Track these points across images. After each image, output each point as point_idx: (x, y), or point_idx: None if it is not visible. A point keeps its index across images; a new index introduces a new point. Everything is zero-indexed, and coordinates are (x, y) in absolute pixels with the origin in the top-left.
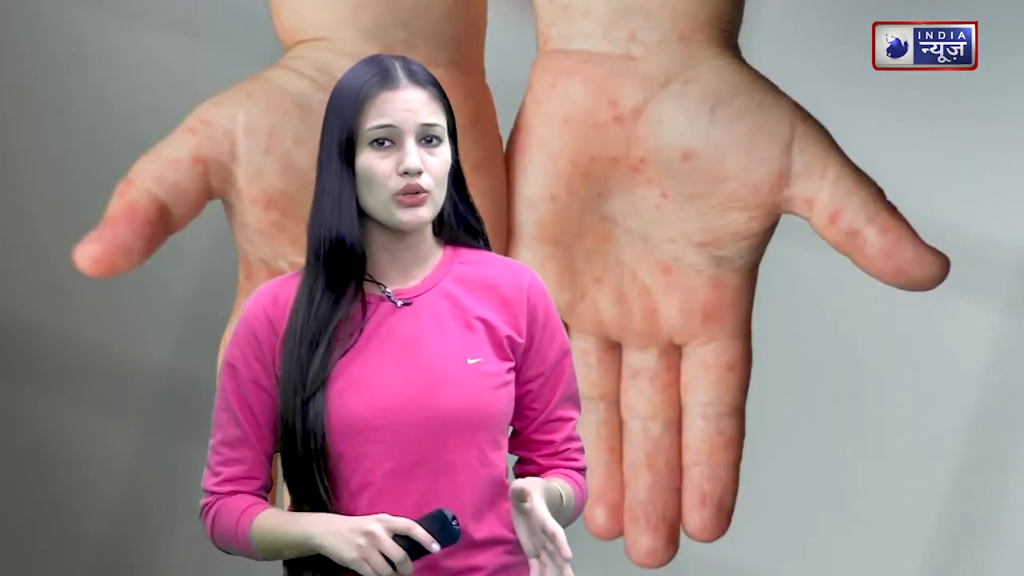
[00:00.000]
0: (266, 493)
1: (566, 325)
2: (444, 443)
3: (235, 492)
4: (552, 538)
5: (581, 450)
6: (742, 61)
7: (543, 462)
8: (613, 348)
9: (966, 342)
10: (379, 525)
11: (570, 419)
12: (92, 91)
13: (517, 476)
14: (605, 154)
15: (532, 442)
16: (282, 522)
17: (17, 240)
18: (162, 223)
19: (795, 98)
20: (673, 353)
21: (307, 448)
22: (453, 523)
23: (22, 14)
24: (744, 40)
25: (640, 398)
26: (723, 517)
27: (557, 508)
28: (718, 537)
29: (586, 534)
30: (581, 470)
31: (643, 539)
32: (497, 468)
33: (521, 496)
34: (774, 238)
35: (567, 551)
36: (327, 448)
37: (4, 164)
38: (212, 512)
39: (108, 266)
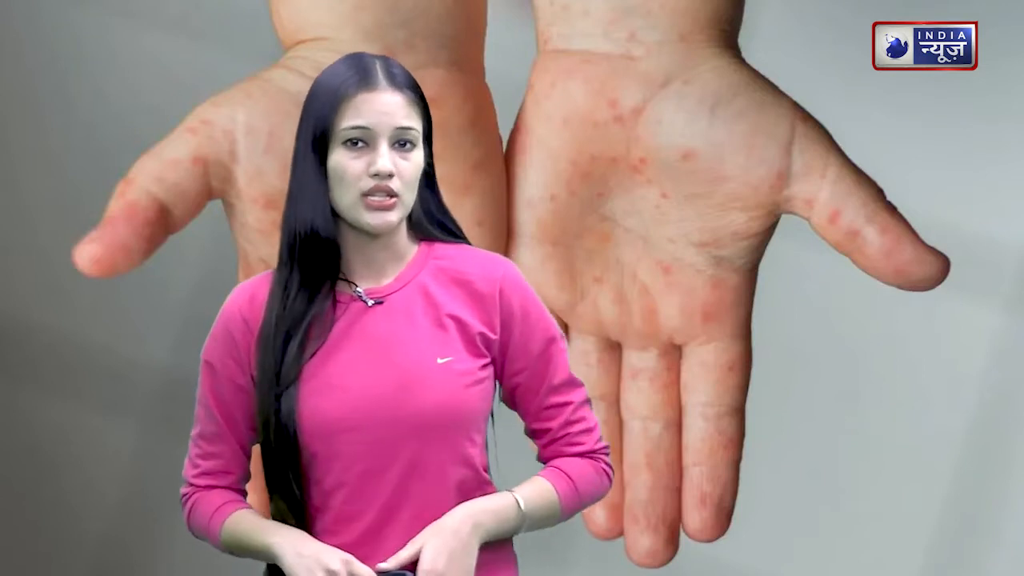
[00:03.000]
0: (244, 485)
1: (566, 325)
2: (416, 443)
3: (212, 486)
4: None
5: (587, 431)
6: (742, 61)
7: (546, 450)
8: (613, 348)
9: (965, 342)
10: (344, 566)
11: (567, 404)
12: (92, 91)
13: (539, 461)
14: (605, 154)
15: (534, 431)
16: (251, 527)
17: (17, 240)
18: (162, 223)
19: (795, 98)
20: (673, 353)
21: (280, 444)
22: None
23: (22, 14)
24: (744, 40)
25: (640, 398)
26: (723, 517)
27: (510, 522)
28: (718, 537)
29: (586, 534)
30: (587, 453)
31: (643, 539)
32: (471, 465)
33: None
34: (774, 238)
35: None
36: (300, 445)
37: (4, 164)
38: (190, 503)
39: (108, 266)
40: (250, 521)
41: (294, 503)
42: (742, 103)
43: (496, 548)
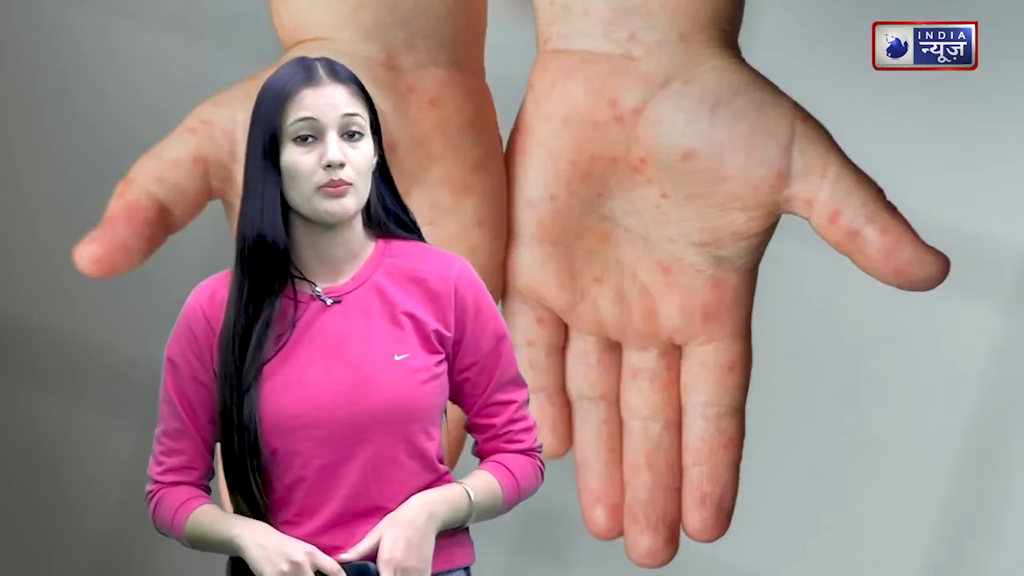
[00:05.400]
0: (207, 481)
1: (566, 325)
2: (374, 438)
3: (177, 483)
4: None
5: (528, 430)
6: (742, 61)
7: (486, 446)
8: (613, 348)
9: (966, 342)
10: (307, 558)
11: (511, 402)
12: (92, 91)
13: (475, 455)
14: (605, 154)
15: (476, 426)
16: (214, 520)
17: (17, 240)
18: (162, 223)
19: (795, 98)
20: (673, 353)
21: (242, 444)
22: None
23: (22, 14)
24: (744, 40)
25: (640, 398)
26: (723, 517)
27: (462, 512)
28: (718, 537)
29: (586, 534)
30: (525, 451)
31: (643, 539)
32: (427, 458)
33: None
34: (774, 238)
35: None
36: (260, 445)
37: (4, 164)
38: (155, 500)
39: (108, 266)
40: (213, 515)
41: (253, 499)
42: (742, 103)
43: (453, 533)
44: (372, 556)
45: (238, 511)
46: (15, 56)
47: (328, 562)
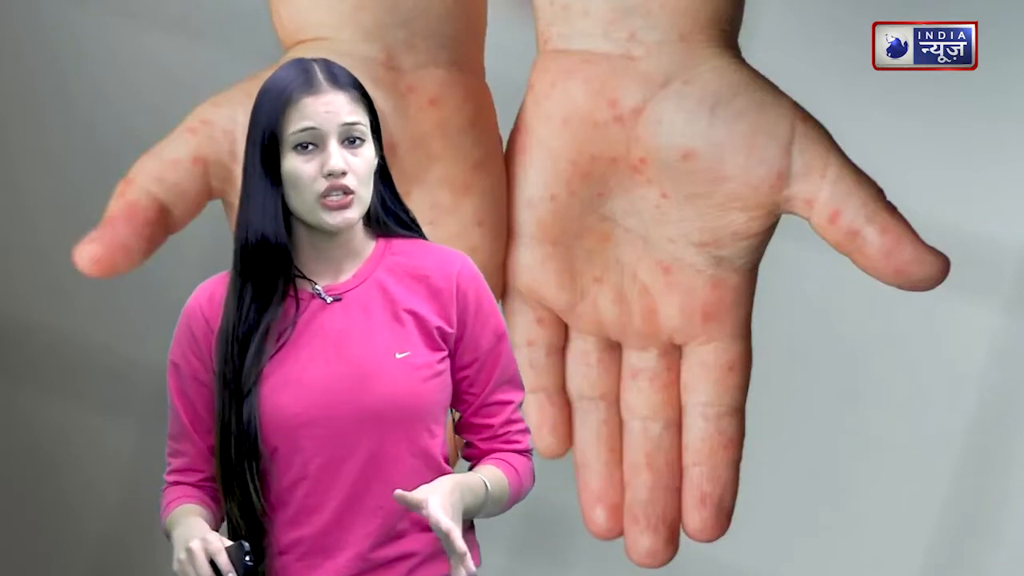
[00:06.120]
0: (212, 483)
1: (566, 325)
2: (374, 436)
3: (177, 483)
4: (446, 537)
5: (524, 431)
6: (742, 61)
7: (483, 445)
8: (613, 348)
9: (965, 342)
10: (199, 544)
11: (509, 402)
12: (92, 91)
13: (464, 458)
14: (605, 154)
15: (472, 426)
16: (170, 522)
17: (17, 240)
18: (162, 223)
19: (795, 98)
20: (673, 353)
21: (239, 449)
22: (246, 558)
23: (22, 14)
24: (744, 40)
25: (640, 398)
26: (723, 517)
27: (480, 499)
28: (718, 537)
29: (586, 534)
30: (523, 451)
31: (643, 539)
32: (430, 456)
33: (417, 506)
34: (774, 238)
35: (459, 546)
36: (260, 448)
37: (4, 164)
38: (161, 500)
39: (108, 266)
40: (173, 517)
41: (248, 504)
42: (742, 103)
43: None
44: (415, 508)
45: (230, 515)
46: (15, 56)
47: (214, 546)
